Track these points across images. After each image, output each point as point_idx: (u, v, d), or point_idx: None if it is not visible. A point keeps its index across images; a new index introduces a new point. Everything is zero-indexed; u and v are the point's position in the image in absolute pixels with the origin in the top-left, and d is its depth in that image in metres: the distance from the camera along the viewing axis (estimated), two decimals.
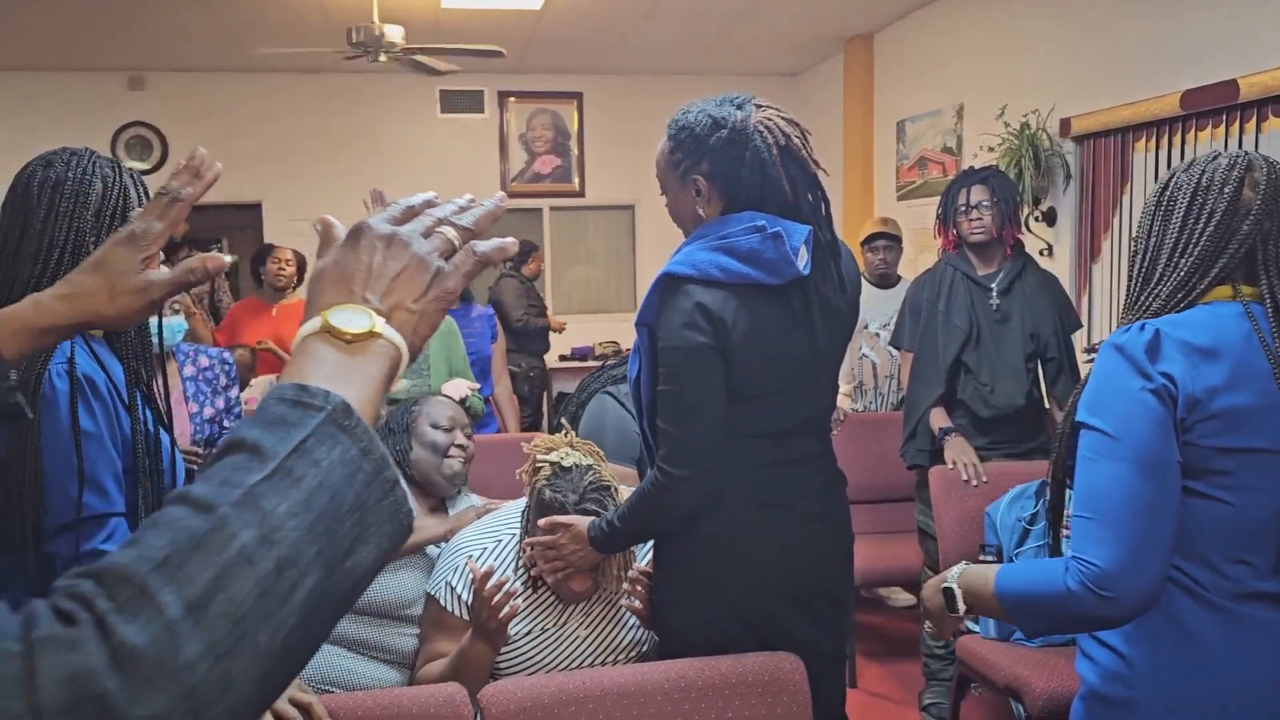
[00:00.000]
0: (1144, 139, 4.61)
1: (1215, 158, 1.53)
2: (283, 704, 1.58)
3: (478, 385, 3.41)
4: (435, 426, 2.41)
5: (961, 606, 1.58)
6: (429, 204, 0.82)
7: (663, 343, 1.80)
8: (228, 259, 1.15)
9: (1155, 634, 1.44)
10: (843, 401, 4.79)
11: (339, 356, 0.69)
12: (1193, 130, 4.31)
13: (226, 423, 2.97)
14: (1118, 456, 1.40)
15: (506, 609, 1.89)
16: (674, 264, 1.81)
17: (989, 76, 5.77)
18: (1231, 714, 1.43)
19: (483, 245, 0.81)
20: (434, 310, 0.76)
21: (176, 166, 1.12)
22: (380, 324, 0.72)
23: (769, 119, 1.84)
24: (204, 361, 3.12)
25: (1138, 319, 1.50)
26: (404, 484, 0.68)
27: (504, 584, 1.89)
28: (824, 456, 1.98)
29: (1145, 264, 1.56)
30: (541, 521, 1.98)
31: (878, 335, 4.63)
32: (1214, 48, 4.17)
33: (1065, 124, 5.02)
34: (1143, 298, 1.54)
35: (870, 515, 4.26)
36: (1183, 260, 1.50)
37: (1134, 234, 1.64)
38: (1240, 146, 3.99)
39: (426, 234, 0.78)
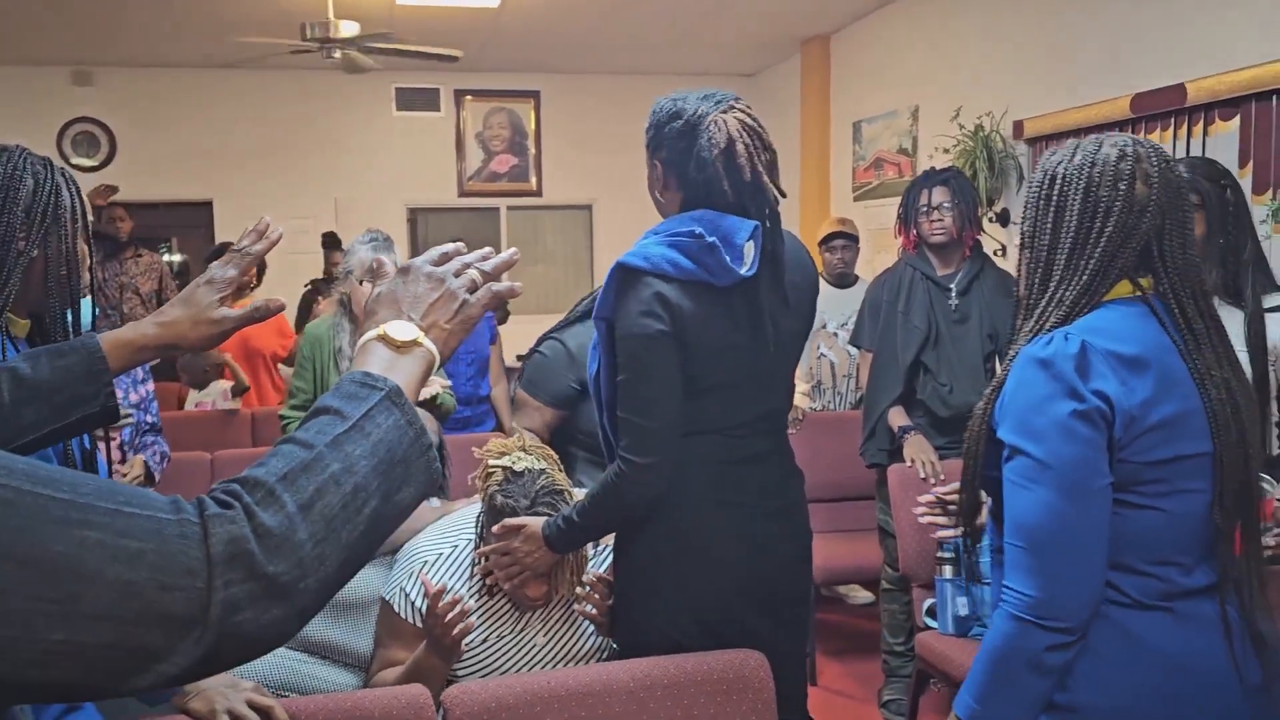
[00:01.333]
0: None
1: (1100, 147, 1.47)
2: (240, 707, 1.55)
3: (448, 382, 3.35)
4: None
5: None
6: (459, 251, 1.09)
7: (620, 331, 1.79)
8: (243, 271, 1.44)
9: (1094, 641, 1.42)
10: (801, 401, 4.81)
11: (391, 355, 0.96)
12: (1142, 132, 4.38)
13: (149, 417, 3.05)
14: (1048, 484, 1.38)
15: (460, 626, 1.87)
16: (629, 256, 1.81)
17: (944, 78, 5.84)
18: (1181, 708, 1.42)
19: (497, 285, 1.08)
20: (459, 329, 1.03)
21: (244, 231, 1.43)
22: (421, 335, 0.99)
23: (723, 120, 1.82)
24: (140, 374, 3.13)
25: (1047, 327, 1.45)
26: (435, 449, 0.91)
27: (457, 601, 1.87)
28: (780, 454, 1.98)
29: (1042, 265, 1.50)
30: (495, 527, 1.96)
31: (836, 335, 4.66)
32: (1163, 52, 4.25)
33: (1018, 126, 5.09)
34: (1045, 303, 1.48)
35: (830, 514, 4.28)
36: (1084, 262, 1.45)
37: (1024, 229, 1.56)
38: (1188, 149, 4.08)
39: (457, 274, 1.05)
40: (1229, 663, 1.42)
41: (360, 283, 3.21)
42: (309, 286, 6.24)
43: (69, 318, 1.57)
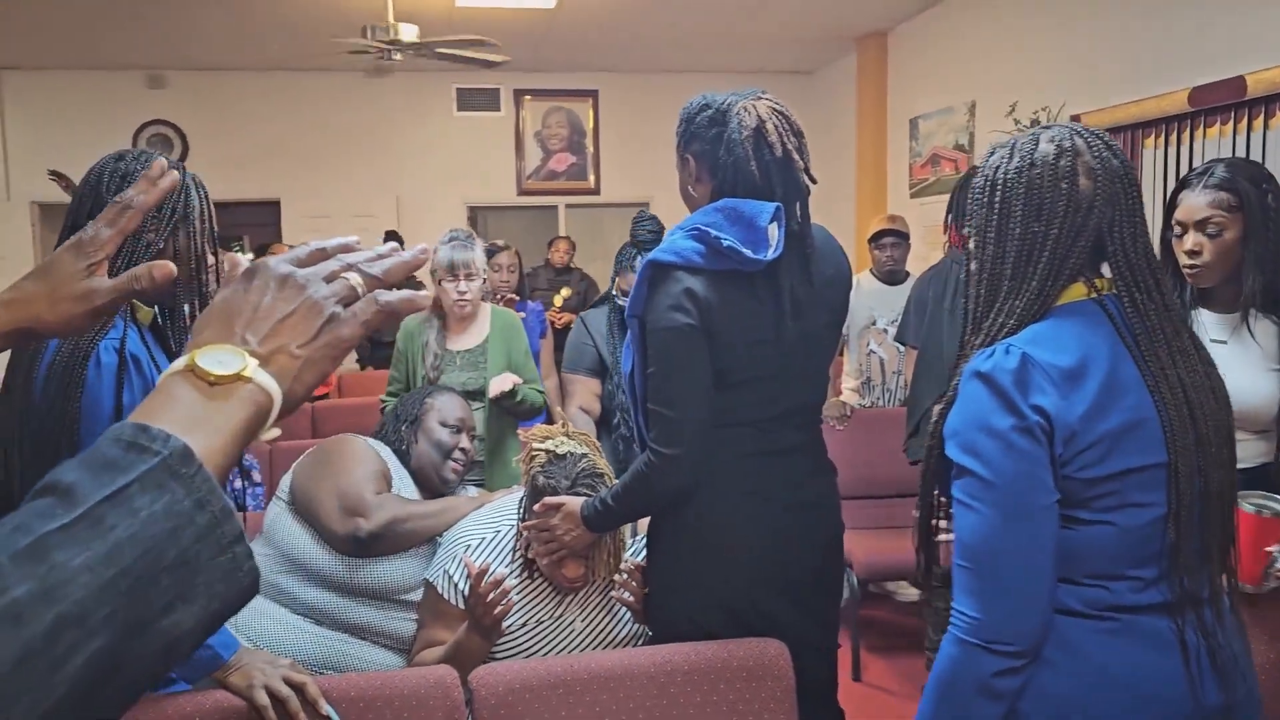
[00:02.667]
0: (1153, 135, 4.60)
1: (1037, 144, 1.40)
2: (277, 683, 1.63)
3: (534, 379, 3.39)
4: (444, 424, 2.45)
5: None
6: (344, 248, 0.80)
7: (650, 326, 1.83)
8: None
9: (1047, 656, 1.35)
10: (850, 397, 4.81)
11: (197, 399, 0.66)
12: (1201, 127, 4.31)
13: None
14: (991, 503, 1.32)
15: (500, 606, 1.93)
16: (659, 251, 1.84)
17: (1000, 74, 5.78)
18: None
19: (388, 295, 0.77)
20: (322, 357, 0.73)
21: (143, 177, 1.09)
22: (253, 367, 0.68)
23: (751, 105, 1.86)
24: None
25: (999, 338, 1.38)
26: (247, 543, 0.62)
27: (500, 581, 1.93)
28: (811, 447, 2.00)
29: (989, 275, 1.42)
30: (536, 505, 2.02)
31: (886, 331, 4.65)
32: (1222, 45, 4.17)
33: (1076, 120, 5.02)
34: (994, 314, 1.41)
35: (877, 510, 4.28)
36: (1030, 269, 1.38)
37: (967, 235, 1.49)
38: (1248, 143, 4.00)
39: (330, 278, 0.76)
40: (1184, 683, 1.34)
41: (440, 282, 3.29)
42: None
43: (194, 310, 1.68)
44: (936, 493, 1.48)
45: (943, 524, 1.52)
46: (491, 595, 1.92)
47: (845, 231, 7.36)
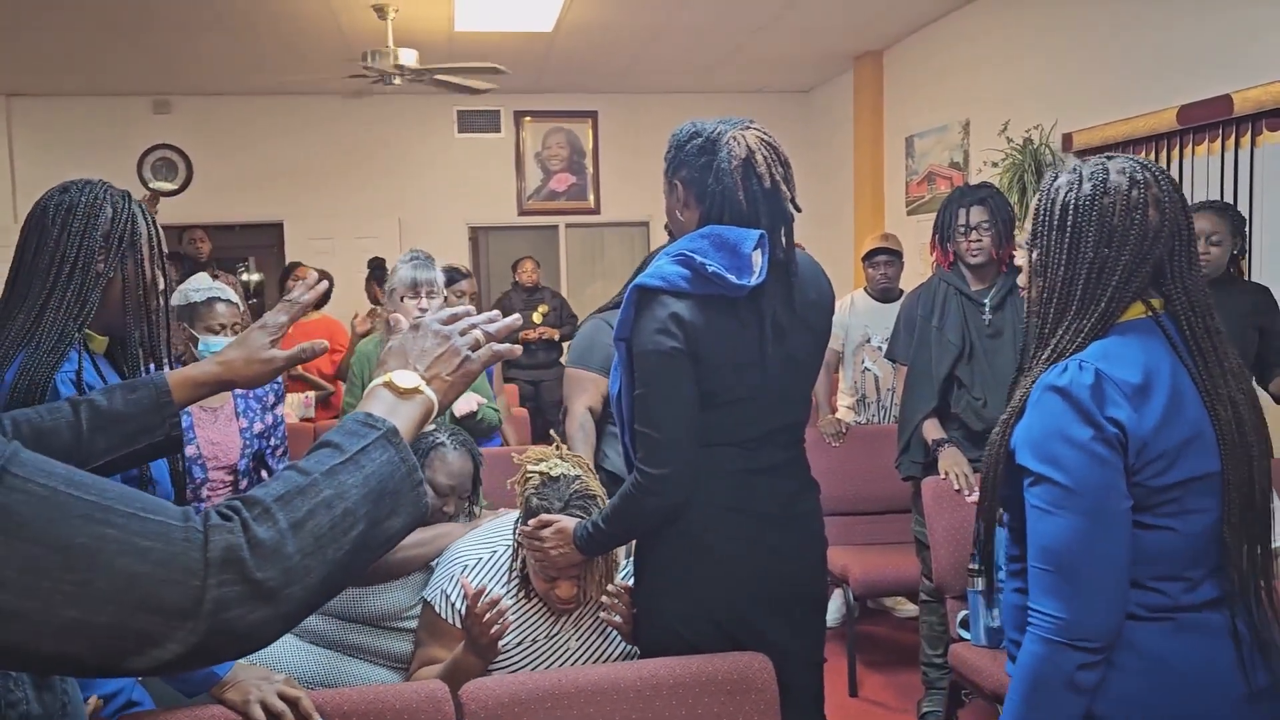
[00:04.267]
0: (1144, 153, 4.65)
1: (1109, 174, 1.50)
2: (272, 698, 1.67)
3: (489, 400, 3.50)
4: (434, 485, 2.42)
5: None
6: (469, 313, 1.23)
7: (637, 349, 1.88)
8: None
9: (1113, 659, 1.46)
10: (846, 415, 4.85)
11: (394, 400, 1.10)
12: (1190, 144, 4.36)
13: (273, 440, 3.07)
14: (1074, 509, 1.42)
15: (497, 626, 1.97)
16: (645, 276, 1.90)
17: (993, 93, 5.84)
18: (1188, 712, 1.46)
19: (499, 346, 1.23)
20: (460, 382, 1.17)
21: (290, 285, 1.43)
22: (423, 385, 1.13)
23: (740, 135, 1.91)
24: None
25: (1066, 355, 1.49)
26: (426, 485, 1.03)
27: (496, 601, 1.98)
28: (795, 465, 2.05)
29: (1058, 295, 1.52)
30: (531, 521, 2.07)
31: (880, 349, 4.69)
32: (1209, 64, 4.23)
33: (1067, 139, 5.08)
34: (1062, 332, 1.51)
35: (872, 526, 4.32)
36: (1100, 290, 1.49)
37: (1034, 258, 1.59)
38: (1235, 160, 4.05)
39: (463, 333, 1.20)
40: (1236, 670, 1.46)
41: (402, 300, 3.34)
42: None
43: (143, 337, 1.73)
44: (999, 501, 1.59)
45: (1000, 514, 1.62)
46: (488, 616, 1.97)
47: (843, 248, 7.41)
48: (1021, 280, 1.65)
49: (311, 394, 5.29)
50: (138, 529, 0.81)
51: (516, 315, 1.25)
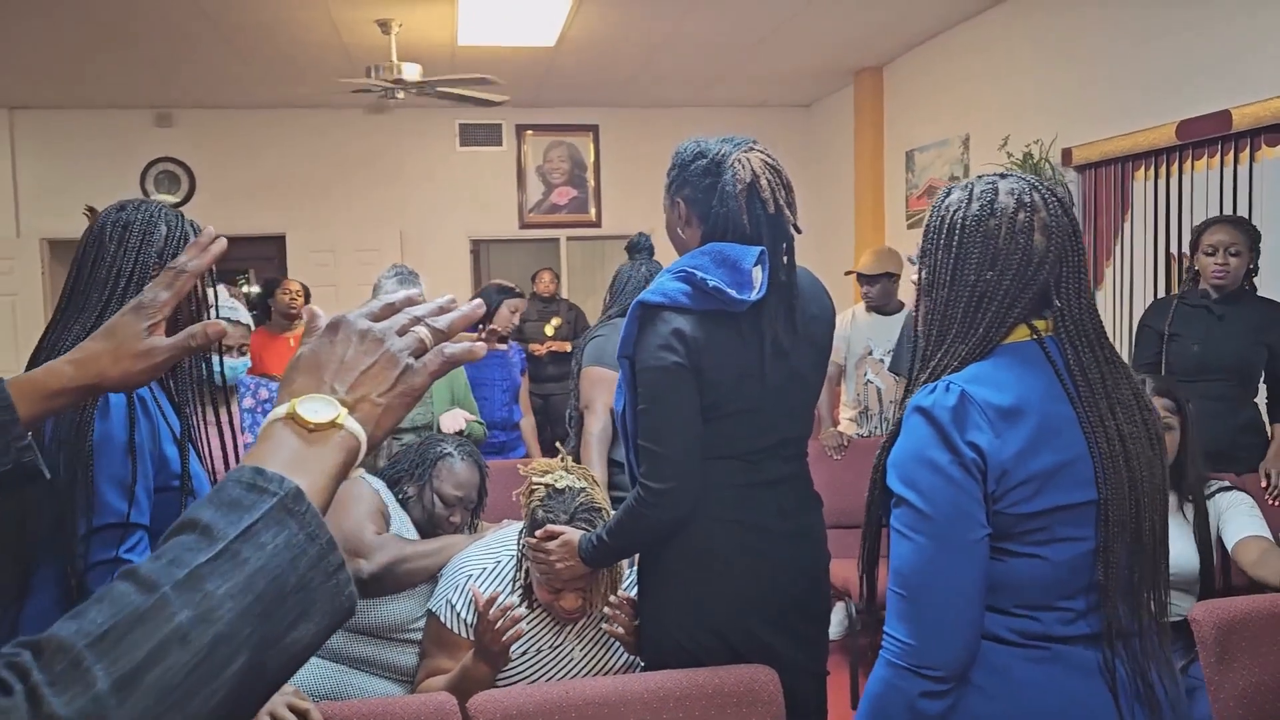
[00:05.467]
0: (1143, 168, 4.68)
1: (997, 195, 1.45)
2: (281, 710, 1.68)
3: (474, 415, 3.54)
4: (441, 495, 2.46)
5: None
6: (409, 301, 0.87)
7: (640, 365, 1.90)
8: (232, 318, 1.21)
9: (976, 680, 1.41)
10: (848, 427, 4.86)
11: (299, 445, 0.76)
12: (1189, 159, 4.39)
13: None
14: (927, 534, 1.37)
15: (510, 632, 1.98)
16: (648, 293, 1.92)
17: (993, 107, 5.88)
18: None
19: (452, 347, 0.86)
20: (398, 405, 0.81)
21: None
22: (344, 415, 0.78)
23: (746, 158, 1.93)
24: (264, 394, 3.19)
25: (937, 377, 1.44)
26: (348, 570, 0.72)
27: (508, 608, 1.99)
28: (798, 478, 2.06)
29: (940, 316, 1.48)
30: (538, 532, 2.08)
31: (882, 361, 4.71)
32: (1208, 80, 4.25)
33: (1067, 154, 5.10)
34: (941, 355, 1.46)
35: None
36: (979, 315, 1.44)
37: (922, 276, 1.54)
38: (1235, 175, 4.08)
39: (401, 332, 0.84)
40: (1111, 713, 1.39)
41: None
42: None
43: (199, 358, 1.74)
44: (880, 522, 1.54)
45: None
46: (500, 622, 1.98)
47: (844, 260, 7.43)
48: (909, 298, 1.61)
49: None
50: None
51: (479, 302, 0.92)
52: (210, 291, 1.76)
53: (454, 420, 3.33)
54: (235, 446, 1.83)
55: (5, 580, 1.56)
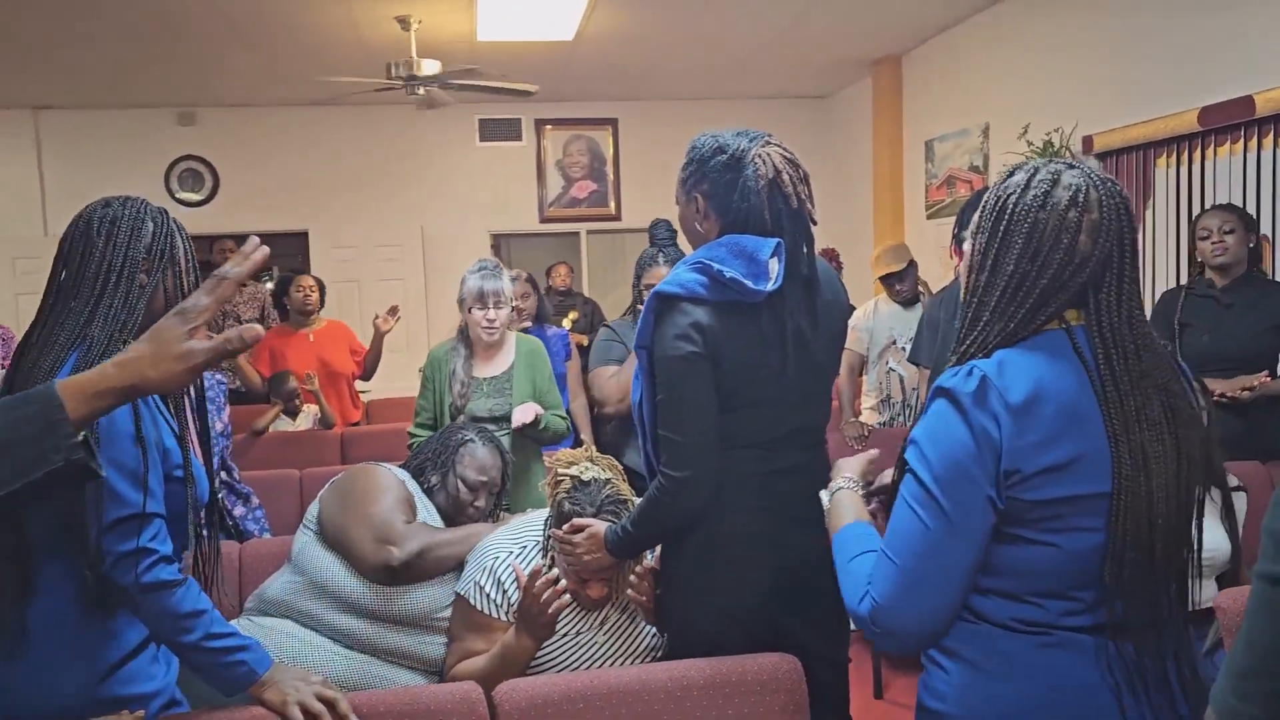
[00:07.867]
0: (1164, 155, 4.66)
1: (1054, 186, 1.41)
2: (310, 699, 1.71)
3: (559, 408, 3.52)
4: (464, 482, 2.50)
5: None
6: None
7: (657, 354, 1.92)
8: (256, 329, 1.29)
9: (971, 656, 1.43)
10: (869, 417, 4.87)
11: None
12: (1211, 146, 4.36)
13: (224, 441, 3.14)
14: (931, 510, 1.38)
15: (556, 602, 2.02)
16: (665, 284, 1.93)
17: (1013, 96, 5.85)
18: None
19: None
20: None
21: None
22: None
23: (767, 154, 1.95)
24: (203, 384, 3.29)
25: (966, 360, 1.43)
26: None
27: (553, 579, 2.02)
28: (815, 466, 2.07)
29: (977, 301, 1.46)
30: (565, 525, 2.11)
31: (904, 350, 4.71)
32: (1230, 65, 4.22)
33: (1088, 141, 5.07)
34: (971, 338, 1.45)
35: None
36: (1013, 308, 1.41)
37: (972, 251, 1.51)
38: (1258, 161, 4.05)
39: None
40: (1114, 705, 1.39)
41: (469, 310, 3.40)
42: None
43: None
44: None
45: None
46: (547, 594, 2.01)
47: (863, 252, 7.42)
48: (962, 269, 1.57)
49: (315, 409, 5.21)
50: None
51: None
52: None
53: (524, 413, 3.31)
54: (205, 431, 1.84)
55: (4, 580, 1.58)
